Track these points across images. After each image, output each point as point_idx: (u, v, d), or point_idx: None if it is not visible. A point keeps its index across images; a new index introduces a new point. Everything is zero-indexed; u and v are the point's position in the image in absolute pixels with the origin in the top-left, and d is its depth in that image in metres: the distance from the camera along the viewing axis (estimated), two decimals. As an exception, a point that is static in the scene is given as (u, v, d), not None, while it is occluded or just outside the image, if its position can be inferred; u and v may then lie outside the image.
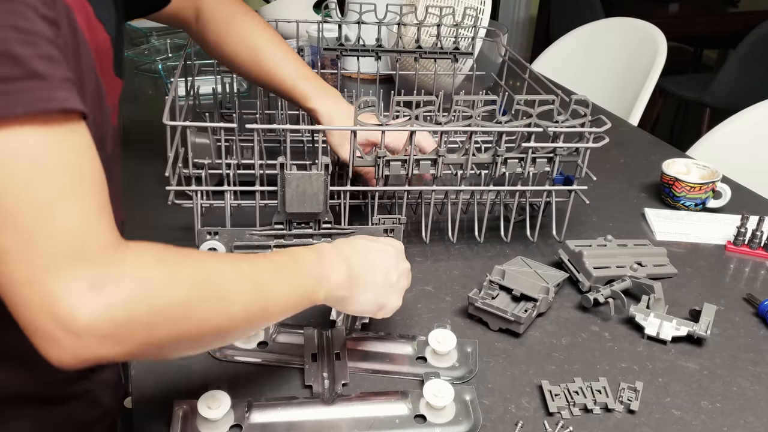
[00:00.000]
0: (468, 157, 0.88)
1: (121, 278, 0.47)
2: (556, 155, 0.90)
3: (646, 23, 1.84)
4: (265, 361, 0.74)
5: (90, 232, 0.46)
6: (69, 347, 0.45)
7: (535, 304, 0.81)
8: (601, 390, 0.72)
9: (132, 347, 0.47)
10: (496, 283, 0.84)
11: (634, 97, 1.70)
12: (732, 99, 2.77)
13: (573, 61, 1.98)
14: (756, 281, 0.95)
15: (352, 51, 1.23)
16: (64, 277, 0.45)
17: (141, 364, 0.73)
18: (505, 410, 0.70)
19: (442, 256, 0.95)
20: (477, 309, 0.81)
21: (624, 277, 0.88)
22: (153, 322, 0.48)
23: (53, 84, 0.46)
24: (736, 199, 1.11)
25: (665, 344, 0.80)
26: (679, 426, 0.69)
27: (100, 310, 0.45)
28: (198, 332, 0.52)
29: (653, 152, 1.33)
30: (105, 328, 0.45)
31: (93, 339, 0.45)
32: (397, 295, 0.71)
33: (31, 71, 0.44)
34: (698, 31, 3.46)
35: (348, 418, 0.67)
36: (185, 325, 0.50)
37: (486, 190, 0.95)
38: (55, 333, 0.44)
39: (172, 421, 0.65)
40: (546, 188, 0.95)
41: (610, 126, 0.89)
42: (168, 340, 0.50)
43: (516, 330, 0.79)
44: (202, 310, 0.51)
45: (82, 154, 0.48)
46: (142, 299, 0.47)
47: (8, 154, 0.44)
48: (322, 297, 0.64)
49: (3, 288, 0.45)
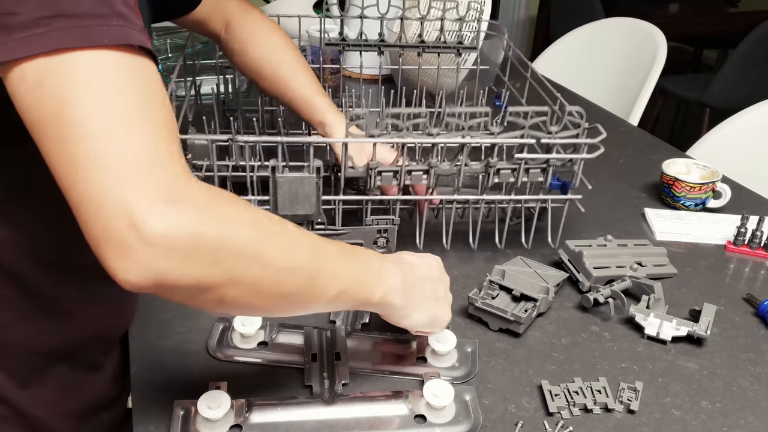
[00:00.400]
0: (461, 167, 0.87)
1: (194, 199, 0.49)
2: (549, 166, 0.89)
3: (646, 23, 1.84)
4: (265, 361, 0.74)
5: (163, 152, 0.49)
6: (141, 256, 0.46)
7: (535, 304, 0.80)
8: (601, 390, 0.72)
9: (195, 270, 0.48)
10: (496, 283, 0.84)
11: (634, 97, 1.70)
12: (732, 99, 2.77)
13: (573, 61, 1.98)
14: (756, 281, 0.95)
15: (354, 46, 1.22)
16: (140, 187, 0.46)
17: (141, 364, 0.73)
18: (505, 410, 0.70)
19: (442, 256, 0.95)
20: (477, 309, 0.81)
21: (624, 277, 0.88)
22: (220, 247, 0.49)
23: (135, 26, 0.50)
24: (736, 199, 1.11)
25: (665, 344, 0.80)
26: (679, 426, 0.69)
27: (174, 221, 0.46)
28: (256, 280, 0.52)
29: (653, 152, 1.33)
30: (176, 241, 0.46)
31: (163, 250, 0.46)
32: (447, 308, 0.72)
33: (117, 12, 0.49)
34: (698, 31, 3.46)
35: (348, 418, 0.67)
36: (247, 266, 0.51)
37: (480, 198, 0.93)
38: (129, 240, 0.46)
39: (172, 421, 0.65)
40: (540, 197, 0.94)
41: (605, 136, 0.88)
42: (225, 276, 0.50)
43: (516, 330, 0.79)
44: (267, 256, 0.52)
45: (156, 87, 0.51)
46: (213, 222, 0.49)
47: (93, 73, 0.48)
48: (378, 298, 0.64)
49: (75, 199, 0.47)
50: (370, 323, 0.80)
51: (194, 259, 0.48)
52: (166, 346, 0.76)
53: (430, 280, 0.70)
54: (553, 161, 0.89)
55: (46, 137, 0.48)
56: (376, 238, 0.87)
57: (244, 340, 0.76)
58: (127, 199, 0.46)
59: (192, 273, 0.48)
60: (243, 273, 0.51)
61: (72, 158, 0.47)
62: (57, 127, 0.47)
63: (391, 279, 0.65)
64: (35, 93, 0.47)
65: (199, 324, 0.79)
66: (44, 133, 0.48)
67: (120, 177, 0.46)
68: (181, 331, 0.78)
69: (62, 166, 0.47)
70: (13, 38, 0.47)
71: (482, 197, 0.92)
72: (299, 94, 1.00)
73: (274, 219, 0.56)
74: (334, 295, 0.59)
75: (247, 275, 0.51)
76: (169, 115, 0.51)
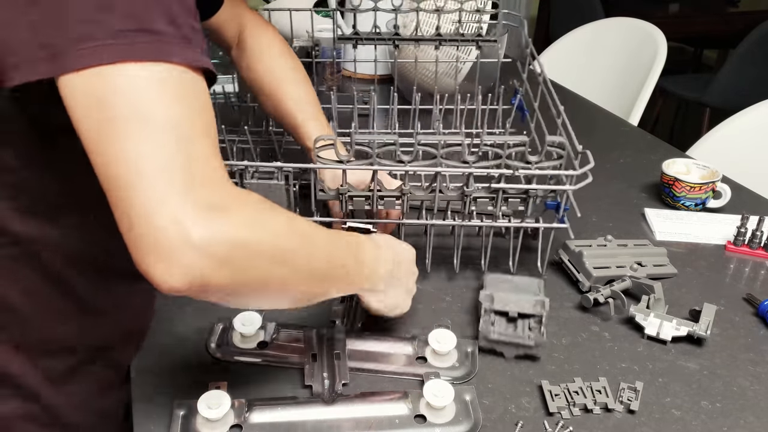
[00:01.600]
0: (435, 195, 0.83)
1: (234, 206, 0.52)
2: (529, 196, 0.84)
3: (646, 23, 1.84)
4: (265, 361, 0.74)
5: (216, 162, 0.52)
6: (183, 260, 0.49)
7: (540, 320, 0.77)
8: (601, 390, 0.72)
9: (231, 274, 0.51)
10: (491, 310, 0.78)
11: (634, 97, 1.70)
12: (732, 99, 2.77)
13: (573, 61, 1.98)
14: (756, 281, 0.95)
15: (367, 40, 1.20)
16: (186, 199, 0.49)
17: (141, 364, 0.73)
18: (505, 410, 0.70)
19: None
20: (491, 341, 0.77)
21: (624, 277, 0.88)
22: (256, 252, 0.53)
23: (198, 49, 0.53)
24: (736, 199, 1.11)
25: (665, 344, 0.81)
26: (679, 426, 0.69)
27: (215, 228, 0.49)
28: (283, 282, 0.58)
29: (653, 152, 1.33)
30: (216, 247, 0.50)
31: (205, 256, 0.49)
32: (410, 299, 0.77)
33: (185, 35, 0.52)
34: (698, 31, 3.46)
35: (348, 418, 0.67)
36: (278, 270, 0.56)
37: (460, 225, 0.88)
38: (173, 248, 0.48)
39: (172, 421, 0.65)
40: (522, 225, 0.88)
41: (592, 165, 0.82)
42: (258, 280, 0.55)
43: (536, 354, 0.76)
44: (296, 261, 0.57)
45: (208, 105, 0.54)
46: (249, 228, 0.52)
47: (171, 86, 0.51)
48: (369, 286, 0.70)
49: (122, 207, 0.49)
50: (370, 323, 0.80)
51: (232, 263, 0.51)
52: (166, 346, 0.76)
53: (413, 275, 0.77)
54: (532, 192, 0.83)
55: (98, 145, 0.50)
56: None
57: (244, 340, 0.76)
58: (172, 210, 0.48)
59: (228, 276, 0.51)
60: (274, 276, 0.56)
61: (120, 168, 0.49)
62: (108, 132, 0.49)
63: (382, 269, 0.70)
64: (90, 103, 0.49)
65: (199, 324, 0.79)
66: (95, 140, 0.50)
67: (166, 188, 0.48)
68: (181, 331, 0.78)
69: (110, 169, 0.49)
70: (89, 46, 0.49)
71: (462, 223, 0.87)
72: (293, 121, 0.99)
73: (299, 221, 0.60)
74: (339, 289, 0.67)
75: (277, 278, 0.56)
76: (215, 129, 0.54)
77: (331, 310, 0.78)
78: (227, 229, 0.50)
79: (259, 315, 0.77)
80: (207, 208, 0.49)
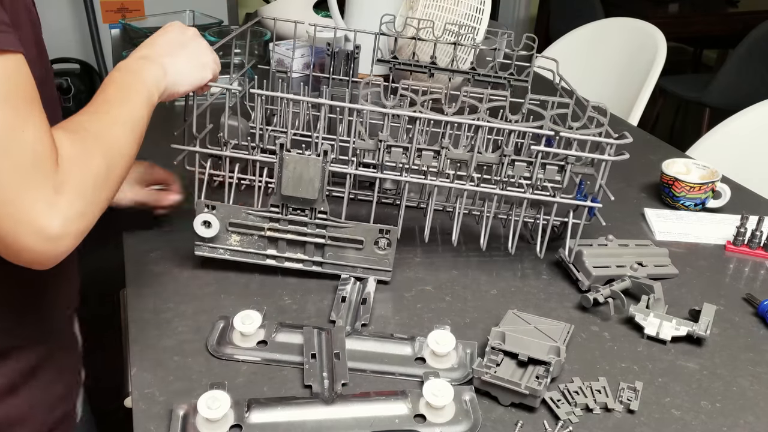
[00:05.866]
0: (473, 154, 0.85)
1: (68, 175, 0.58)
2: (567, 164, 0.84)
3: (646, 23, 1.84)
4: (264, 360, 0.74)
5: (47, 144, 0.57)
6: (50, 251, 0.57)
7: (548, 369, 0.71)
8: (600, 390, 0.72)
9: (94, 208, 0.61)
10: (498, 349, 0.73)
11: (634, 97, 1.70)
12: (732, 99, 2.77)
13: (573, 61, 1.98)
14: (756, 281, 0.95)
15: (405, 65, 1.25)
16: (34, 190, 0.55)
17: (141, 364, 0.73)
18: (505, 410, 0.70)
19: (441, 256, 0.95)
20: (484, 383, 0.70)
21: (624, 277, 0.88)
22: (97, 185, 0.61)
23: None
24: (736, 199, 1.11)
25: (665, 344, 0.81)
26: (678, 426, 0.69)
27: (66, 209, 0.57)
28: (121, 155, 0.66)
29: (653, 152, 1.33)
30: (75, 224, 0.58)
31: (69, 237, 0.57)
32: (209, 70, 0.81)
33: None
34: (698, 31, 3.46)
35: (348, 417, 0.67)
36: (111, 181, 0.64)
37: (493, 192, 0.88)
38: (36, 244, 0.56)
39: (172, 421, 0.65)
40: (555, 200, 0.87)
41: (630, 141, 0.83)
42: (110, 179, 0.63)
43: (532, 404, 0.69)
44: (121, 146, 0.66)
45: (27, 81, 0.57)
46: (86, 179, 0.60)
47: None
48: (157, 97, 0.74)
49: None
50: (370, 323, 0.80)
51: (86, 211, 0.59)
52: (166, 346, 0.76)
53: (185, 47, 0.79)
54: (571, 159, 0.84)
55: None
56: (377, 238, 0.86)
57: (243, 338, 0.76)
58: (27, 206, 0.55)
59: (92, 213, 0.60)
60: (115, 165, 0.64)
61: None
62: None
63: (154, 76, 0.74)
64: None
65: (199, 324, 0.79)
66: None
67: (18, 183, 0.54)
68: (181, 331, 0.78)
69: None
70: None
71: (496, 191, 0.87)
72: None
73: (97, 121, 0.65)
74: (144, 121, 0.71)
75: (117, 162, 0.65)
76: (38, 98, 0.58)
77: (331, 311, 0.78)
78: (72, 199, 0.57)
79: (259, 314, 0.77)
80: (54, 192, 0.56)
